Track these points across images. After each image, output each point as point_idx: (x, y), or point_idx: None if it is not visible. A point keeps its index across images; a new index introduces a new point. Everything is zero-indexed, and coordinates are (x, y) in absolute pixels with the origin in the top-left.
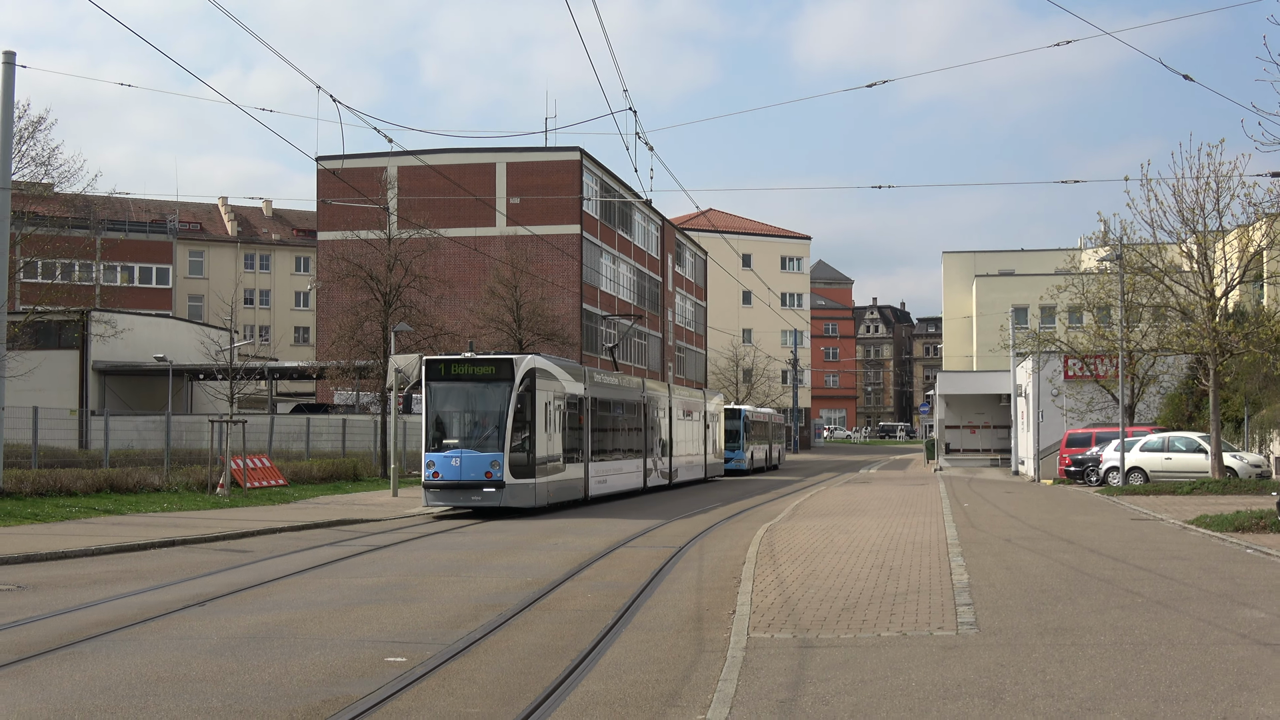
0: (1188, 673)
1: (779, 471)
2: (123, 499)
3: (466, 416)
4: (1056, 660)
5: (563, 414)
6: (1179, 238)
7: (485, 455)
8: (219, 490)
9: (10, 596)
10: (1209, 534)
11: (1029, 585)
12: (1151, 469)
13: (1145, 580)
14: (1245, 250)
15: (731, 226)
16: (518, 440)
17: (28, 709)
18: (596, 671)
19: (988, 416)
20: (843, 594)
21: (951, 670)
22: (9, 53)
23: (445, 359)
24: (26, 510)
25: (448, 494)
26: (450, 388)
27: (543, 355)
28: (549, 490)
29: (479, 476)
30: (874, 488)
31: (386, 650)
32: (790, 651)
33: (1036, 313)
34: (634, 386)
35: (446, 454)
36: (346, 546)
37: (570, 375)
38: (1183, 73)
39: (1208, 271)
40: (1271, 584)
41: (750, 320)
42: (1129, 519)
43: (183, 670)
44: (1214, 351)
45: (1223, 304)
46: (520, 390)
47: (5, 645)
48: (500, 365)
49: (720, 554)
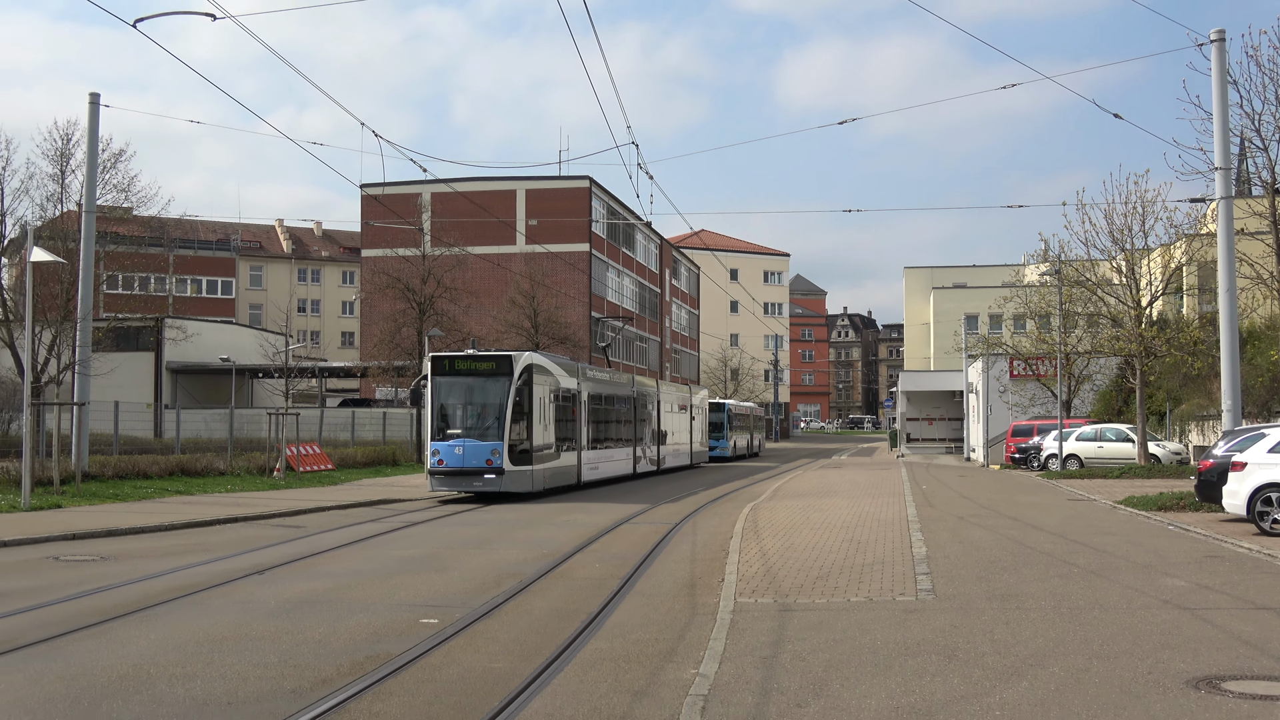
0: (1117, 633)
1: (759, 459)
2: (192, 481)
3: (469, 408)
4: (1003, 622)
5: (558, 406)
6: (1110, 255)
7: (486, 444)
8: (275, 473)
9: (94, 566)
10: (1136, 512)
11: (979, 557)
12: (1086, 456)
13: (1080, 553)
14: (1168, 266)
15: (721, 245)
16: (516, 430)
17: (109, 664)
18: (604, 631)
19: (943, 410)
20: (817, 564)
21: (912, 631)
22: (94, 94)
23: (449, 355)
24: (108, 491)
25: (451, 480)
26: (454, 382)
27: (540, 352)
28: (545, 476)
29: (480, 464)
30: (844, 472)
31: (421, 613)
32: (772, 614)
33: (986, 320)
34: (624, 382)
35: (450, 443)
36: (385, 523)
37: (565, 371)
38: (1113, 111)
39: (1135, 285)
40: (1190, 556)
41: (737, 326)
42: (1066, 499)
43: (244, 630)
44: (1140, 354)
45: (1148, 313)
46: (519, 384)
47: (90, 609)
48: (500, 361)
49: (710, 530)
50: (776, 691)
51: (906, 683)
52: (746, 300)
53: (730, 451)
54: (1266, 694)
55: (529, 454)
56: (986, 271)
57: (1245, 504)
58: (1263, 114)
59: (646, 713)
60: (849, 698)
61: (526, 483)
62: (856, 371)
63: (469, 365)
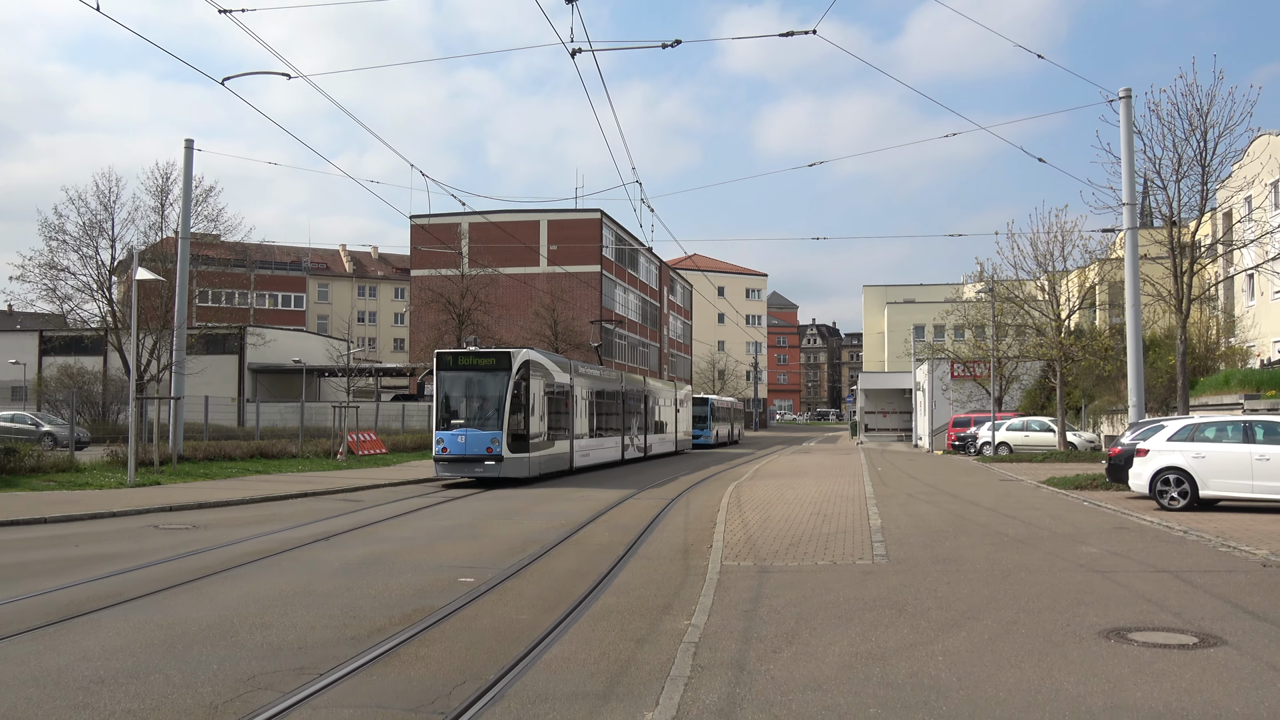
0: (1041, 592)
1: (739, 446)
2: (269, 463)
3: (471, 401)
4: (945, 582)
5: (552, 398)
6: (1035, 276)
7: (486, 433)
8: (339, 456)
9: (187, 533)
10: (1056, 491)
11: (925, 527)
12: (1014, 443)
13: (1010, 524)
14: (1083, 285)
15: (710, 266)
16: (514, 420)
17: (199, 615)
18: (612, 589)
19: (896, 405)
20: (790, 533)
21: (868, 589)
22: (189, 140)
23: (453, 351)
24: (199, 471)
25: (455, 466)
26: (457, 376)
27: (536, 350)
28: (540, 463)
29: (481, 451)
30: (813, 457)
31: (459, 573)
32: (752, 575)
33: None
34: (614, 377)
35: (454, 432)
36: (429, 498)
37: (559, 367)
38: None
39: (1056, 301)
40: (1102, 527)
41: (723, 334)
42: (998, 480)
43: (312, 587)
44: (1060, 358)
45: (1066, 324)
46: (516, 378)
47: (184, 569)
48: (500, 357)
49: (701, 504)
50: (756, 639)
51: (864, 632)
52: (731, 313)
53: (714, 439)
54: (1165, 643)
55: (526, 442)
56: (932, 289)
57: (1148, 484)
58: (1163, 158)
59: (647, 657)
60: (816, 645)
61: (524, 468)
62: (823, 372)
63: (471, 360)
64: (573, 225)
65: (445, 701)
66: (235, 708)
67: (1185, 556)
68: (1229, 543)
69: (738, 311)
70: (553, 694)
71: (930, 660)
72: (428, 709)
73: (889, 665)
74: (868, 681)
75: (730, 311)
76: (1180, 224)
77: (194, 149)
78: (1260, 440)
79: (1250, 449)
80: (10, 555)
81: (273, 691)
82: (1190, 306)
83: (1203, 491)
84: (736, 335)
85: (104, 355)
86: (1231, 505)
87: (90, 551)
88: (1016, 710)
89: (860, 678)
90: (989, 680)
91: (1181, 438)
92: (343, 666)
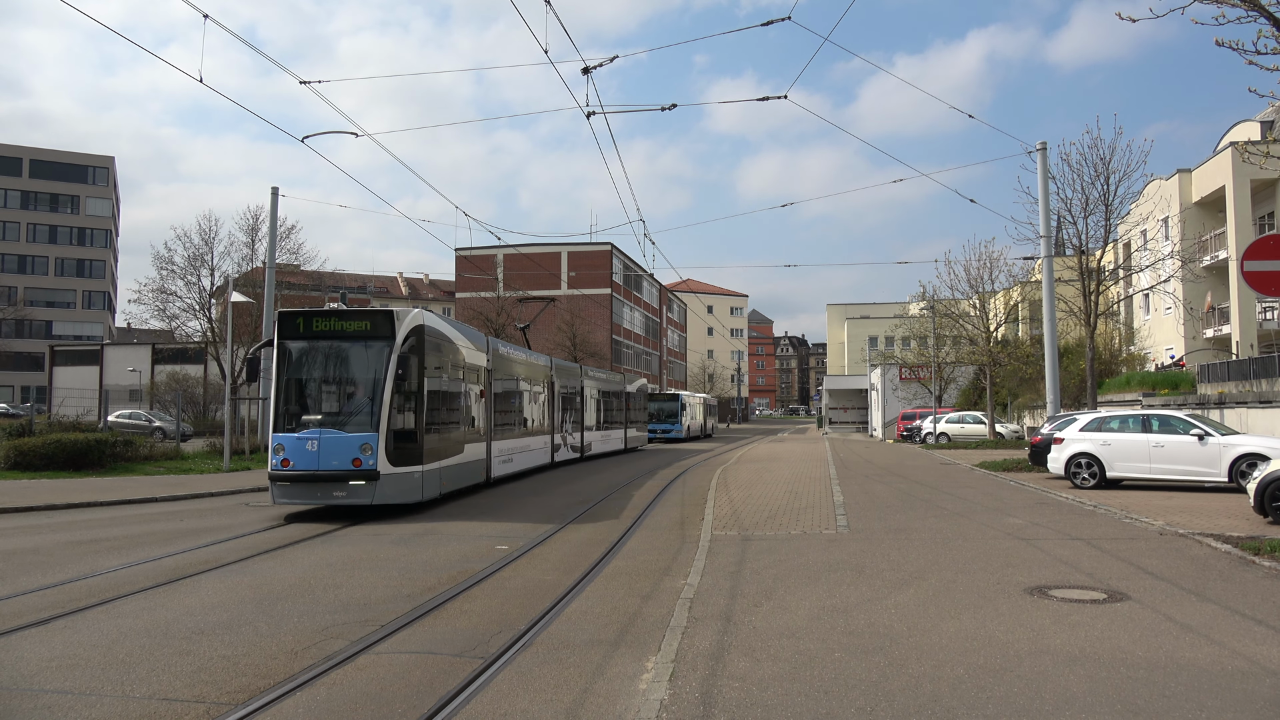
0: (976, 556)
1: (711, 440)
2: None
3: (330, 386)
4: (896, 548)
5: (461, 386)
6: (968, 295)
7: (353, 436)
8: None
9: (272, 509)
10: (988, 472)
11: (879, 503)
12: (953, 434)
13: (949, 500)
14: (1008, 303)
15: (701, 289)
16: (399, 416)
17: (282, 577)
18: (621, 554)
19: (855, 402)
20: (768, 508)
21: (833, 554)
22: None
23: (304, 311)
24: None
25: (301, 489)
26: (310, 348)
27: (432, 312)
28: (440, 477)
29: (345, 465)
30: (786, 445)
31: (496, 542)
32: (737, 543)
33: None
34: (541, 363)
35: (302, 436)
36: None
37: (471, 343)
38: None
39: (985, 316)
40: (1025, 503)
41: (712, 344)
42: (939, 463)
43: (374, 555)
44: (990, 364)
45: (995, 335)
46: (403, 352)
47: (269, 540)
48: (377, 320)
49: (694, 485)
50: (740, 595)
51: (830, 590)
52: (719, 327)
53: (685, 434)
54: (1079, 598)
55: (417, 448)
56: (883, 307)
57: (1064, 467)
58: (1073, 199)
59: (651, 610)
60: (790, 600)
61: (413, 489)
62: (794, 375)
63: (334, 324)
64: (588, 256)
65: (485, 648)
66: (312, 653)
67: (1095, 527)
68: (1131, 515)
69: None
70: (574, 641)
71: (884, 613)
72: (470, 654)
73: (851, 617)
74: (833, 630)
75: (717, 326)
76: (1088, 253)
77: (278, 195)
78: (1156, 430)
79: (1148, 438)
80: (128, 528)
81: (343, 640)
82: (1097, 320)
83: (1109, 473)
84: (723, 345)
85: (204, 364)
86: (1133, 484)
87: (193, 525)
88: (956, 654)
89: (827, 627)
90: (933, 629)
91: (1091, 428)
92: (400, 620)
